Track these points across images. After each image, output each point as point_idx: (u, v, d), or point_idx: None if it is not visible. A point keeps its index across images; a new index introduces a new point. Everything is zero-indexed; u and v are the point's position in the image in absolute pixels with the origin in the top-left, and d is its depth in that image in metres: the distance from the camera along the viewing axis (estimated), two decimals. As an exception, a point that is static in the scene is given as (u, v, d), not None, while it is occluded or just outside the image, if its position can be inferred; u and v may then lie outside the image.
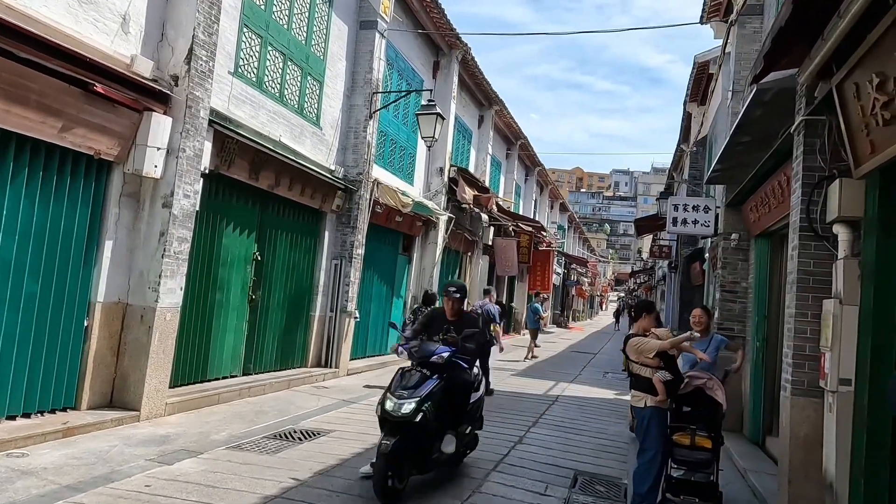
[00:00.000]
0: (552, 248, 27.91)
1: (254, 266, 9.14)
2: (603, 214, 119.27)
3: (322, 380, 10.36)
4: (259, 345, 9.38)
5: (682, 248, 17.97)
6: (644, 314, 5.58)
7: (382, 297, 13.58)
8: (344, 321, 11.01)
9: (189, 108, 6.86)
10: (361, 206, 11.19)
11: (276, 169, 9.06)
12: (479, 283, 19.89)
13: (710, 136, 16.47)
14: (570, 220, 42.62)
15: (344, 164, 11.15)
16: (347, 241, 11.10)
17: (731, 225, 9.26)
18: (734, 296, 9.18)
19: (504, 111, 20.41)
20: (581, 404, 10.55)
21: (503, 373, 13.61)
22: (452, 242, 16.78)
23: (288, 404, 8.36)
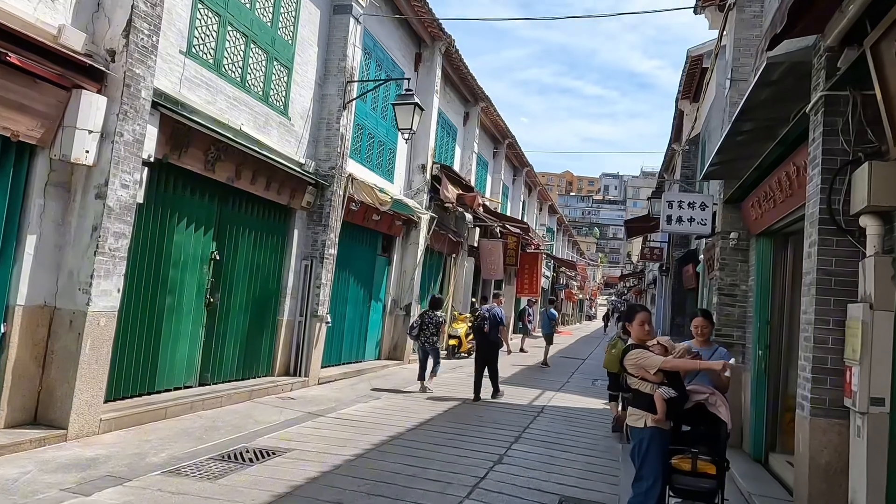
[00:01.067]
0: (540, 250, 27.23)
1: (212, 266, 8.36)
2: (592, 218, 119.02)
3: (289, 390, 9.58)
4: (218, 352, 8.59)
5: (673, 251, 17.33)
6: (636, 316, 4.87)
7: (359, 301, 12.81)
8: (314, 326, 10.24)
9: (128, 88, 6.08)
10: (334, 203, 10.43)
11: (237, 160, 8.29)
12: (465, 286, 19.17)
13: (704, 133, 15.85)
14: (559, 223, 42.00)
15: (315, 157, 10.40)
16: (319, 241, 10.33)
17: (729, 223, 8.59)
18: (733, 299, 8.50)
19: (491, 108, 19.71)
20: (568, 416, 9.83)
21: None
22: (435, 243, 16.04)
23: (246, 418, 7.58)
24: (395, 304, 14.47)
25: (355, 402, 9.32)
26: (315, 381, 10.33)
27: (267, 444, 6.50)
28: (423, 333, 10.83)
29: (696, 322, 5.47)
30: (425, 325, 10.84)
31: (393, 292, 14.36)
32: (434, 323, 10.84)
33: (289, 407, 8.51)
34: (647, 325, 4.82)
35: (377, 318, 13.84)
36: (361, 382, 11.28)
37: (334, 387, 10.52)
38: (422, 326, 10.85)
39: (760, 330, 7.64)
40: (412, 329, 11.10)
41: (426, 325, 10.84)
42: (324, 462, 6.02)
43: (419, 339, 10.89)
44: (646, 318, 4.85)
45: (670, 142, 21.46)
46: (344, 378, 11.40)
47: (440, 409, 9.37)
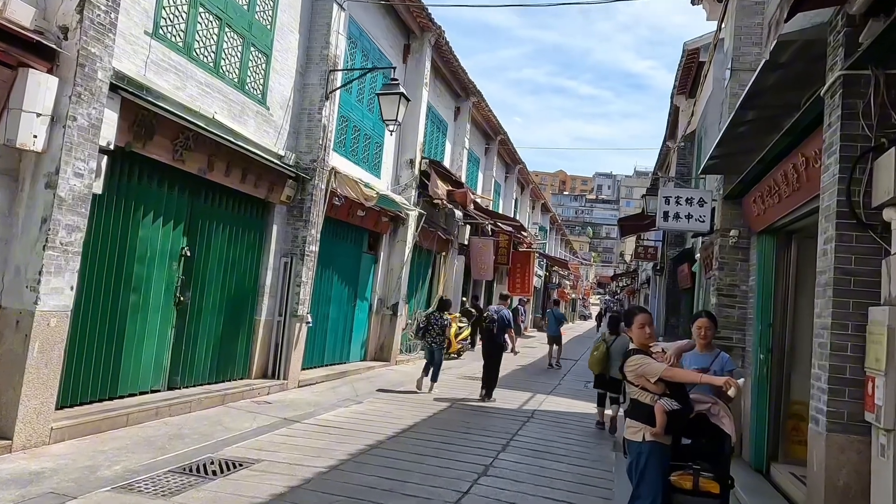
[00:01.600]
0: (533, 248, 26.82)
1: (182, 263, 7.87)
2: (586, 217, 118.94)
3: (266, 393, 9.10)
4: (189, 354, 8.11)
5: (668, 250, 16.93)
6: (635, 318, 4.43)
7: (343, 300, 12.34)
8: (294, 326, 9.76)
9: (82, 68, 5.59)
10: (316, 198, 9.96)
11: (210, 151, 7.81)
12: (455, 286, 18.73)
13: (700, 129, 15.46)
14: (552, 222, 41.62)
15: (296, 149, 9.92)
16: (299, 237, 9.86)
17: (729, 220, 8.17)
18: (732, 300, 8.08)
19: (482, 103, 19.26)
20: (559, 421, 9.40)
21: (477, 383, 12.41)
22: (424, 241, 15.59)
23: (215, 425, 7.10)
24: (382, 304, 14.00)
25: (336, 407, 8.85)
26: (294, 383, 9.86)
27: (234, 455, 6.03)
28: (429, 334, 10.98)
29: (700, 323, 5.02)
30: (430, 326, 11.00)
31: (380, 291, 13.90)
32: (440, 325, 10.99)
33: (264, 412, 8.03)
34: (648, 328, 4.39)
35: (363, 317, 13.37)
36: (344, 385, 10.82)
37: (315, 390, 10.04)
38: (427, 328, 11.02)
39: (762, 333, 7.22)
40: (418, 329, 11.36)
41: (431, 326, 10.99)
42: (293, 475, 5.56)
43: (425, 339, 11.06)
44: (646, 321, 4.41)
45: (665, 139, 21.08)
46: (326, 380, 10.92)
47: (425, 413, 8.92)
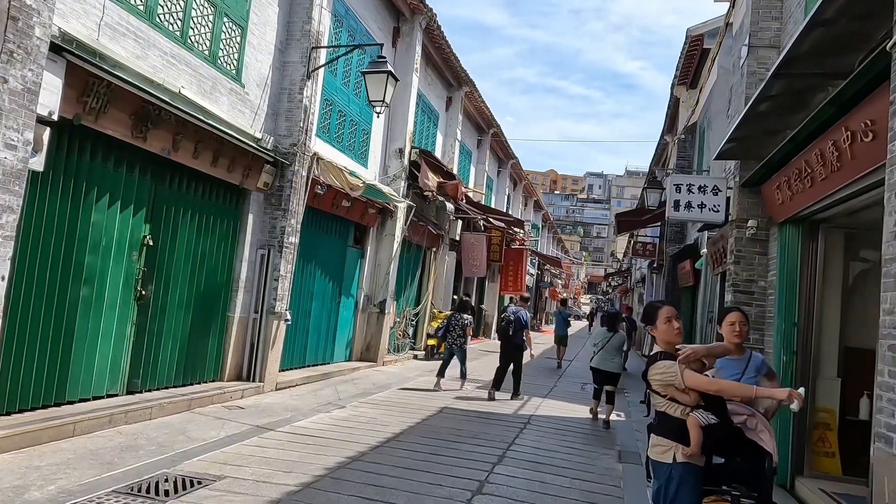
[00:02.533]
0: (526, 246, 26.14)
1: (144, 253, 7.09)
2: (577, 217, 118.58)
3: (239, 397, 8.34)
4: (151, 355, 7.33)
5: (667, 246, 16.29)
6: (659, 312, 3.74)
7: (327, 296, 11.58)
8: (271, 324, 9.00)
9: (14, 21, 4.81)
10: (296, 185, 9.20)
11: (175, 129, 7.03)
12: (446, 283, 17.99)
13: (703, 120, 14.81)
14: (544, 219, 40.97)
15: (275, 132, 9.15)
16: (278, 227, 9.09)
17: (745, 210, 7.50)
18: (749, 297, 7.40)
19: (475, 94, 18.53)
20: (558, 427, 8.69)
21: (468, 385, 11.70)
22: (413, 236, 14.85)
23: (177, 434, 6.33)
24: (369, 301, 13.25)
25: (315, 412, 8.10)
26: (271, 386, 9.09)
27: (193, 471, 5.27)
28: (450, 335, 11.16)
29: (732, 318, 4.31)
30: (451, 327, 11.18)
31: (366, 287, 13.14)
32: (460, 325, 11.13)
33: (234, 418, 7.27)
34: (676, 322, 3.69)
35: (348, 315, 12.62)
36: (326, 388, 10.06)
37: (294, 393, 9.28)
38: (448, 328, 11.21)
39: (786, 333, 6.54)
40: (438, 330, 11.77)
41: (452, 327, 11.17)
42: (259, 495, 4.81)
43: (446, 340, 11.24)
44: (672, 314, 3.72)
45: (663, 133, 20.44)
46: (306, 383, 10.16)
47: (413, 419, 8.19)
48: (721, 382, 3.63)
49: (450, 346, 11.18)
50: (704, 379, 3.57)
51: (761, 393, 3.61)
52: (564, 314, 17.25)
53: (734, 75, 9.90)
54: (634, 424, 9.51)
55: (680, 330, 3.71)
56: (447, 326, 11.20)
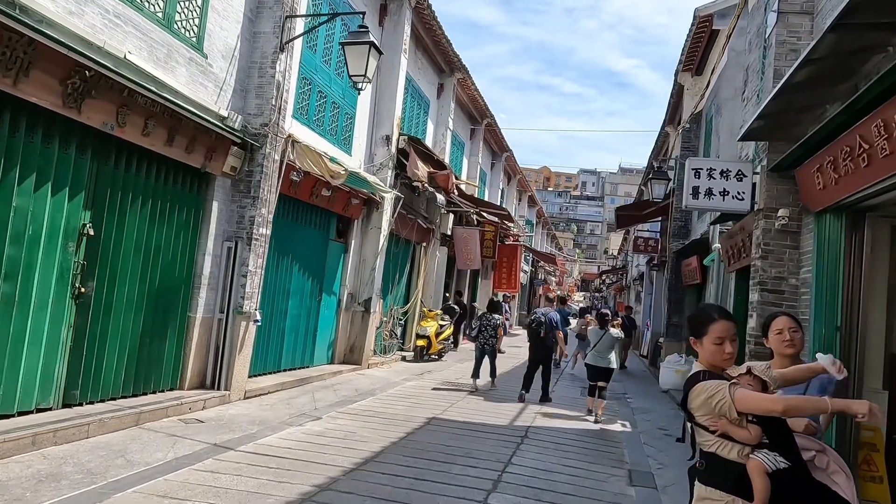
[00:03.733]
0: (520, 242, 25.24)
1: (84, 245, 6.12)
2: (570, 214, 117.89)
3: (200, 408, 7.38)
4: (94, 361, 6.36)
5: (670, 242, 15.41)
6: (710, 327, 2.80)
7: (306, 294, 10.62)
8: (239, 325, 8.05)
9: None
10: (268, 170, 8.23)
11: (119, 101, 6.06)
12: (437, 279, 17.06)
13: (710, 107, 13.93)
14: (538, 216, 40.09)
15: (244, 111, 8.19)
16: (247, 217, 8.13)
17: (774, 197, 6.58)
18: (779, 297, 6.51)
19: (468, 81, 17.60)
20: (559, 441, 7.78)
21: (460, 391, 10.78)
22: (402, 229, 13.91)
23: (115, 457, 5.38)
24: (353, 299, 12.31)
25: (286, 425, 7.16)
26: (239, 394, 8.14)
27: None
28: (482, 335, 11.35)
29: (780, 324, 3.41)
30: (483, 328, 11.40)
31: (350, 285, 12.20)
32: (492, 325, 11.37)
33: (189, 435, 6.31)
34: (730, 346, 2.76)
35: (330, 314, 11.67)
36: (303, 395, 9.11)
37: (265, 402, 8.33)
38: (480, 329, 11.44)
39: (826, 339, 5.64)
40: (471, 331, 12.46)
41: (484, 328, 11.39)
42: (196, 544, 3.87)
43: (477, 341, 11.42)
44: (728, 333, 2.77)
45: (663, 124, 19.53)
46: (281, 389, 9.21)
47: (397, 433, 7.26)
48: (788, 400, 2.69)
49: (482, 346, 11.34)
50: (763, 397, 2.65)
51: (837, 406, 2.67)
52: (564, 313, 16.27)
53: (750, 54, 9.02)
54: (643, 437, 8.62)
55: (732, 356, 2.78)
56: (479, 327, 11.47)
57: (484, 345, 11.30)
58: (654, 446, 8.11)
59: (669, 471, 6.95)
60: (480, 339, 11.34)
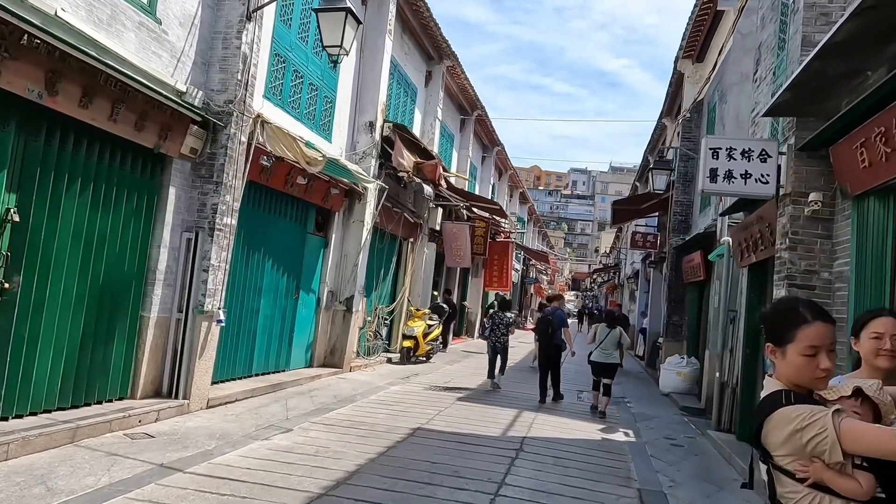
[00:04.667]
0: (511, 239, 24.44)
1: (7, 232, 5.24)
2: (561, 213, 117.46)
3: (152, 420, 6.51)
4: (21, 368, 5.47)
5: (670, 237, 14.66)
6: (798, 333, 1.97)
7: (280, 292, 9.77)
8: (199, 326, 7.18)
9: None
10: (233, 153, 7.38)
11: (48, 65, 5.19)
12: (425, 277, 16.23)
13: (713, 95, 13.20)
14: (529, 213, 39.34)
15: (206, 86, 7.33)
16: (209, 205, 7.27)
17: (803, 180, 5.82)
18: (809, 293, 5.73)
19: (458, 69, 16.75)
20: (558, 455, 6.97)
21: (448, 396, 9.96)
22: (387, 223, 13.07)
23: (34, 485, 4.51)
24: (334, 297, 11.46)
25: (250, 440, 6.31)
26: (200, 403, 7.28)
27: (21, 555, 3.46)
28: (494, 333, 11.40)
29: (883, 326, 2.59)
30: (496, 326, 11.47)
31: (330, 282, 11.34)
32: (504, 323, 11.53)
33: (133, 453, 5.45)
34: (827, 357, 1.93)
35: (308, 314, 10.81)
36: (275, 403, 8.26)
37: (230, 412, 7.47)
38: (493, 327, 11.50)
39: (872, 341, 4.85)
40: (484, 329, 12.89)
41: (496, 326, 11.46)
42: None
43: (490, 339, 11.45)
44: (825, 340, 1.93)
45: (661, 116, 18.78)
46: (250, 396, 8.35)
47: (376, 447, 6.43)
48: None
49: (494, 344, 11.36)
50: (887, 432, 1.83)
51: None
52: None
53: (763, 30, 8.29)
54: (649, 447, 7.84)
55: (829, 372, 1.96)
56: (492, 325, 11.53)
57: (496, 343, 11.35)
58: (663, 459, 7.33)
59: (683, 489, 6.18)
60: (493, 337, 11.39)
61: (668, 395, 12.66)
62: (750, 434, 2.10)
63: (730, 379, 9.19)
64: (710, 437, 8.55)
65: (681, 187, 14.32)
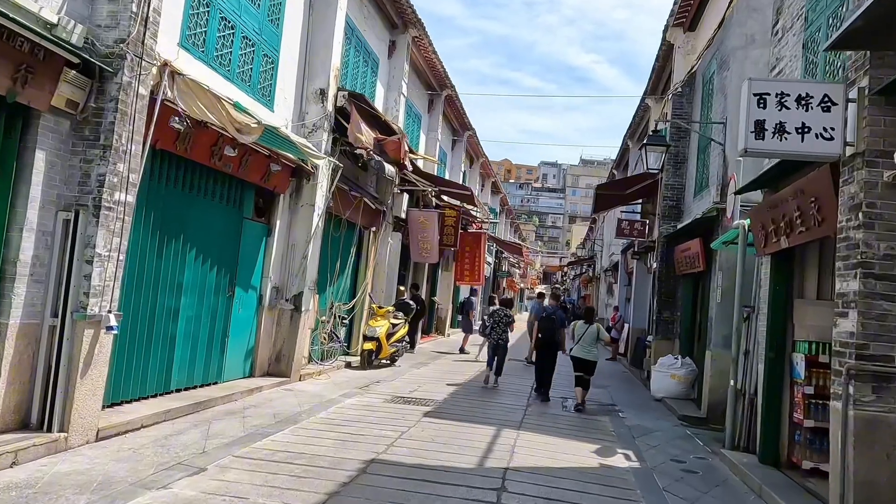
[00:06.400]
0: (484, 230, 22.92)
1: None
2: (532, 206, 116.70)
3: (7, 465, 4.78)
4: None
5: (660, 224, 13.28)
6: None
7: (209, 289, 8.07)
8: (82, 334, 5.46)
9: None
10: (127, 108, 5.66)
11: None
12: (389, 270, 14.59)
13: (709, 65, 11.81)
14: (502, 204, 37.94)
15: (90, 20, 5.59)
16: (94, 176, 5.54)
17: (883, 134, 4.36)
18: (891, 285, 4.29)
19: (425, 41, 15.11)
20: (551, 496, 5.43)
21: (414, 411, 8.38)
22: (345, 209, 11.39)
23: None
24: (279, 294, 9.78)
25: (140, 490, 4.64)
26: (86, 436, 5.57)
27: None
28: (495, 331, 11.47)
29: None
30: (497, 324, 11.53)
31: (275, 276, 9.66)
32: (505, 322, 11.58)
33: (-51, 526, 3.75)
34: None
35: (247, 314, 9.12)
36: (193, 429, 6.57)
37: (127, 445, 5.76)
38: (493, 325, 11.56)
39: None
40: (484, 327, 12.94)
41: (497, 324, 11.52)
42: None
43: (490, 337, 11.57)
44: None
45: (644, 94, 17.40)
46: (163, 420, 6.64)
47: (314, 494, 4.82)
48: None
49: (496, 342, 11.38)
50: None
51: None
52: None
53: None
54: (658, 477, 6.37)
55: None
56: (493, 323, 11.57)
57: (498, 340, 11.36)
58: (679, 494, 5.87)
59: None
60: (493, 335, 11.42)
61: (662, 401, 11.27)
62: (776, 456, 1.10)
63: (745, 386, 7.79)
64: (727, 459, 7.13)
65: (671, 169, 12.93)
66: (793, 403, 6.73)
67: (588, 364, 10.08)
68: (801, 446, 6.49)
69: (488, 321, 11.92)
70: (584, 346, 10.11)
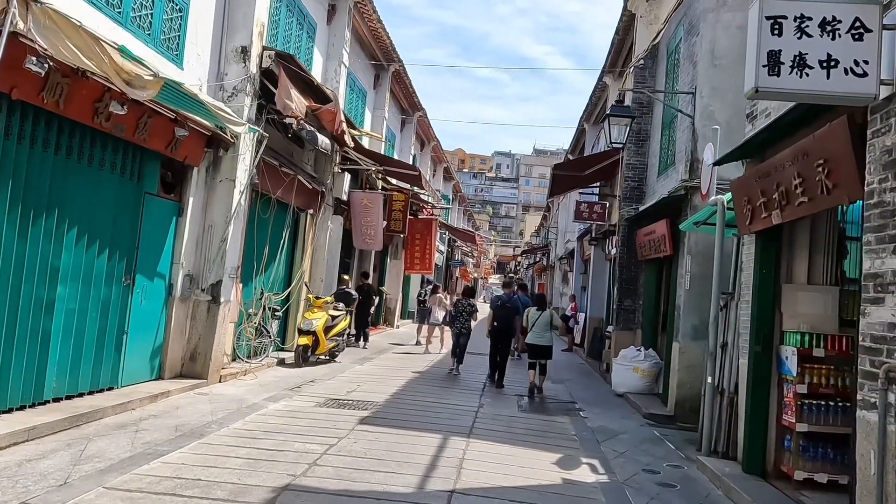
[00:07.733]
0: (435, 216, 21.79)
1: None
2: (485, 196, 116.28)
3: None
4: None
5: (621, 206, 12.40)
6: None
7: (98, 276, 6.70)
8: None
9: None
10: (-45, 38, 4.29)
11: None
12: (329, 257, 13.31)
13: (675, 33, 10.93)
14: (455, 191, 36.88)
15: None
16: None
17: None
18: (938, 264, 3.34)
19: (369, 6, 13.83)
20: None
21: (348, 417, 7.21)
22: (275, 187, 10.08)
23: None
24: (193, 283, 8.45)
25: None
26: None
27: None
28: (458, 320, 11.62)
29: None
30: (459, 313, 11.68)
31: (188, 263, 8.33)
32: (467, 312, 11.68)
33: None
34: None
35: (154, 306, 7.78)
36: (66, 449, 5.26)
37: (-40, 478, 4.44)
38: (457, 314, 11.72)
39: None
40: (447, 316, 13.45)
41: (460, 313, 11.67)
42: None
43: (454, 326, 11.68)
44: None
45: (602, 73, 16.53)
46: (25, 441, 5.29)
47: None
48: None
49: (459, 330, 11.53)
50: None
51: None
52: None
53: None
54: (631, 495, 5.39)
55: None
56: (457, 312, 11.74)
57: (461, 329, 11.55)
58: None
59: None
60: (457, 324, 11.60)
61: (625, 396, 10.42)
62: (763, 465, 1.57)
63: (722, 383, 6.91)
64: (707, 468, 6.22)
65: (633, 148, 12.05)
66: (781, 404, 5.86)
67: (544, 349, 10.14)
68: (792, 454, 5.63)
69: (452, 311, 12.25)
70: (537, 332, 10.13)
